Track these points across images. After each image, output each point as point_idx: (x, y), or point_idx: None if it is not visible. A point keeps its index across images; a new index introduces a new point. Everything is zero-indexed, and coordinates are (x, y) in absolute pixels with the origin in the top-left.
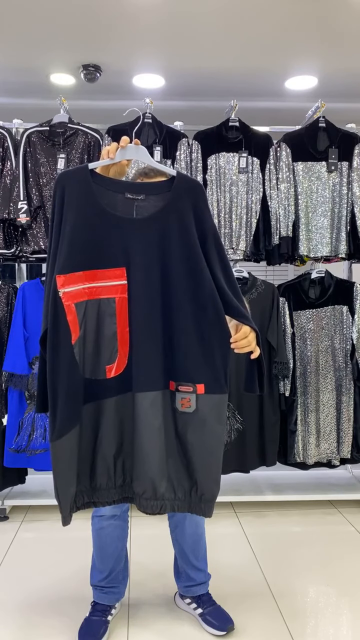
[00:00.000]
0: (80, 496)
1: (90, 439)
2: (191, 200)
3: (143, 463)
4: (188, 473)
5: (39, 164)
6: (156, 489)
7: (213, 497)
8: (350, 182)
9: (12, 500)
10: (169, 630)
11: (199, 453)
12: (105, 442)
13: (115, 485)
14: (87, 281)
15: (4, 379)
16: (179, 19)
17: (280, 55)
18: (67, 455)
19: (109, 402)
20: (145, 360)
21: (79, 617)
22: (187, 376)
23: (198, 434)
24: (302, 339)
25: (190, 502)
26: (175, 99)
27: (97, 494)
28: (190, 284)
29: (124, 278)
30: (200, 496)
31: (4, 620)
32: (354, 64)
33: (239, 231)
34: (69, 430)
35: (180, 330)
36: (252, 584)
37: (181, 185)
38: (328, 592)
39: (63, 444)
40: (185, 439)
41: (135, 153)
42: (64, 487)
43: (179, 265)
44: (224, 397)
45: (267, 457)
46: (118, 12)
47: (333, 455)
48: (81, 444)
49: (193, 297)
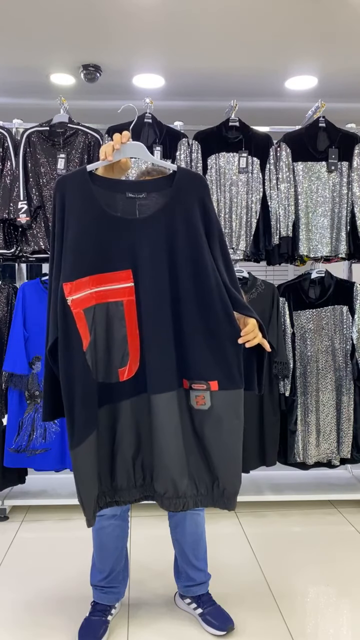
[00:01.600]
0: (103, 497)
1: (109, 442)
2: (195, 194)
3: (163, 463)
4: (209, 469)
5: (39, 164)
6: (177, 488)
7: (235, 491)
8: (350, 182)
9: (12, 500)
10: (169, 630)
11: (218, 449)
12: (124, 444)
13: (135, 484)
14: (94, 286)
15: (4, 379)
16: (179, 19)
17: (280, 55)
18: (88, 461)
19: (124, 405)
20: (158, 362)
21: (79, 617)
22: (200, 374)
23: (215, 430)
24: (302, 339)
25: (213, 496)
26: (175, 99)
27: (119, 493)
28: (198, 282)
29: (130, 280)
30: (223, 490)
31: (4, 620)
32: (354, 64)
33: (239, 231)
34: (87, 436)
35: (190, 329)
36: (252, 584)
37: (183, 180)
38: (328, 592)
39: (83, 450)
40: (203, 435)
41: (131, 151)
42: (87, 491)
43: (186, 264)
44: (239, 392)
45: (267, 457)
46: (118, 12)
47: (333, 455)
48: (100, 448)
49: (201, 295)
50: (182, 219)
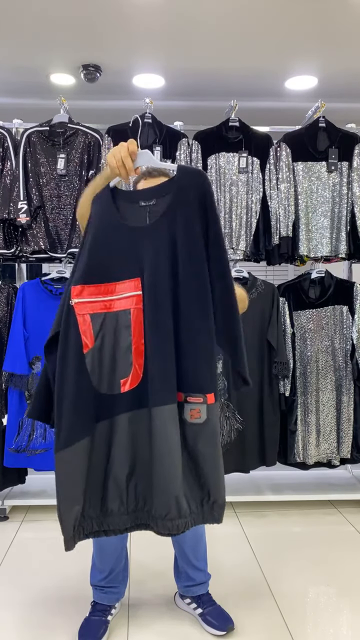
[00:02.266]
0: (90, 522)
1: (102, 459)
2: (196, 193)
3: (165, 480)
4: (200, 484)
5: (39, 164)
6: (180, 507)
7: (224, 503)
8: (350, 182)
9: (12, 500)
10: (169, 631)
11: (211, 463)
12: (117, 462)
13: (127, 510)
14: (105, 294)
15: (4, 379)
16: (179, 19)
17: (280, 55)
18: (73, 469)
19: (122, 419)
20: (162, 373)
21: (79, 617)
22: (198, 387)
23: (209, 445)
24: (302, 339)
25: (202, 513)
26: (175, 99)
27: (108, 519)
28: (194, 290)
29: (139, 288)
30: (212, 504)
31: (4, 620)
32: (354, 64)
33: (239, 231)
34: (76, 441)
35: (188, 339)
36: (252, 584)
37: (184, 180)
38: (328, 591)
39: (69, 455)
40: (196, 450)
41: (143, 160)
42: (67, 503)
43: (184, 270)
44: (218, 402)
45: (267, 457)
46: (118, 12)
47: (333, 455)
48: (92, 464)
49: (198, 303)
50: (182, 222)
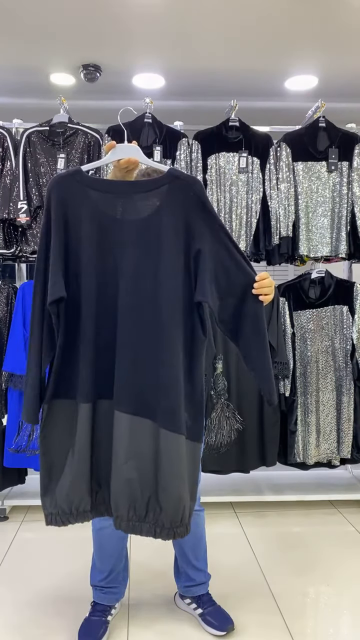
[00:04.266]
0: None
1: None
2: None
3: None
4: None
5: (39, 164)
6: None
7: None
8: (350, 182)
9: (12, 500)
10: (169, 631)
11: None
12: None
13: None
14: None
15: (4, 379)
16: (179, 19)
17: (280, 55)
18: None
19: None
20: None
21: (78, 617)
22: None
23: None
24: (302, 339)
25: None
26: (175, 99)
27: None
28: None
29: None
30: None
31: (4, 620)
32: (354, 64)
33: (239, 231)
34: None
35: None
36: (252, 584)
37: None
38: (328, 592)
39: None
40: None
41: (124, 151)
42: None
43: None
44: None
45: (267, 457)
46: (118, 12)
47: (333, 455)
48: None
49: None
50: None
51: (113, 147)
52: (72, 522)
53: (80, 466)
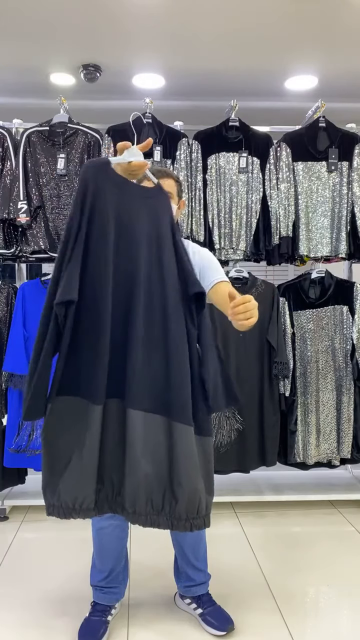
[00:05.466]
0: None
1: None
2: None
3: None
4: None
5: (39, 164)
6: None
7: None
8: (350, 182)
9: (12, 500)
10: (169, 631)
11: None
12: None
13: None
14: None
15: (4, 379)
16: (179, 19)
17: (280, 55)
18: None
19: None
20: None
21: (78, 617)
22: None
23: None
24: (302, 339)
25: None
26: (175, 99)
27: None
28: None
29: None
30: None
31: (4, 620)
32: (354, 64)
33: (239, 231)
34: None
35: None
36: (252, 584)
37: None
38: (328, 592)
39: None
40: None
41: (140, 154)
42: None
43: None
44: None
45: (267, 457)
46: (118, 12)
47: (333, 455)
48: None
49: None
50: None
51: (128, 147)
52: (75, 517)
53: (88, 465)
